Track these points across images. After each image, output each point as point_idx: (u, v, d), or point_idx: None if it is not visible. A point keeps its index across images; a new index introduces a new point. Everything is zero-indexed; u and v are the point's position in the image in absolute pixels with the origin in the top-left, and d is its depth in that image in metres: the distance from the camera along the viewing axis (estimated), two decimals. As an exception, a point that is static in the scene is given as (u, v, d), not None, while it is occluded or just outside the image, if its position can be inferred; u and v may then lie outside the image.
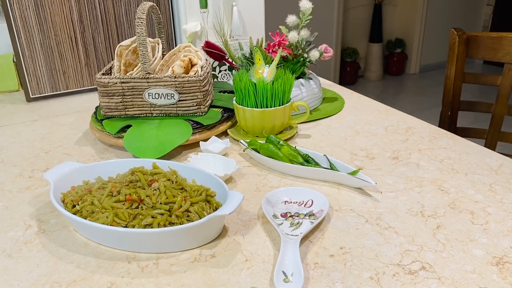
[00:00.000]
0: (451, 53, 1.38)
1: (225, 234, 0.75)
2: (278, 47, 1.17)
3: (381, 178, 0.91)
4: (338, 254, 0.70)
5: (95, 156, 1.04)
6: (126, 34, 1.50)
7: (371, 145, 1.06)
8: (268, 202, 0.80)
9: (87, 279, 0.66)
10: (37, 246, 0.73)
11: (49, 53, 1.41)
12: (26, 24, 1.36)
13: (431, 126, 1.16)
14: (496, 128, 1.37)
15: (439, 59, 4.59)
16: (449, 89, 1.40)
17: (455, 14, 4.55)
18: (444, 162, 0.97)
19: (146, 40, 1.04)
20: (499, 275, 0.65)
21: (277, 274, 0.63)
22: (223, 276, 0.65)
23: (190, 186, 0.80)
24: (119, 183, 0.81)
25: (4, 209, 0.84)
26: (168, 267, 0.68)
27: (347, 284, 0.63)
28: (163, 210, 0.74)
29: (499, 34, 1.31)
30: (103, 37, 1.47)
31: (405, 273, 0.65)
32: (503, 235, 0.73)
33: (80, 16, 1.41)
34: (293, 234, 0.72)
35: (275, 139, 0.97)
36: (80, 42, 1.44)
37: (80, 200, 0.77)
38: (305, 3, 1.23)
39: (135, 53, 1.18)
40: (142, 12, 1.01)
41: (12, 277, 0.66)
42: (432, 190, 0.87)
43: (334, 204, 0.83)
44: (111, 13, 1.45)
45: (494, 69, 4.51)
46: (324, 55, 1.28)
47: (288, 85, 1.06)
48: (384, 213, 0.80)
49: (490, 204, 0.82)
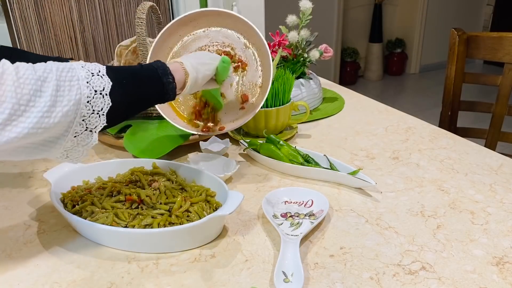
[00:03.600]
0: (451, 53, 1.38)
1: (225, 234, 0.75)
2: (278, 47, 1.17)
3: (381, 178, 0.91)
4: (338, 254, 0.69)
5: (95, 156, 1.04)
6: (126, 34, 1.50)
7: (371, 145, 1.06)
8: (268, 202, 0.80)
9: (87, 279, 0.65)
10: (37, 246, 0.73)
11: (49, 53, 1.41)
12: (26, 24, 1.36)
13: (431, 126, 1.16)
14: (496, 128, 1.37)
15: (439, 59, 4.58)
16: (449, 89, 1.40)
17: (455, 14, 4.55)
18: (444, 162, 0.97)
19: (146, 40, 1.03)
20: (499, 275, 0.65)
21: (277, 274, 0.63)
22: (223, 276, 0.65)
23: (190, 186, 0.80)
24: (119, 183, 0.81)
25: (4, 209, 0.84)
26: (168, 267, 0.68)
27: (347, 284, 0.63)
28: (163, 210, 0.74)
29: (499, 34, 1.31)
30: (103, 37, 1.47)
31: (405, 273, 0.65)
32: (503, 235, 0.73)
33: (80, 16, 1.42)
34: (293, 234, 0.71)
35: (275, 139, 0.97)
36: (80, 42, 1.44)
37: (80, 200, 0.77)
38: (305, 3, 1.23)
39: (135, 53, 1.18)
40: (142, 12, 1.01)
41: (12, 277, 0.66)
42: (432, 190, 0.87)
43: (334, 204, 0.83)
44: (111, 13, 1.46)
45: (494, 69, 4.51)
46: (324, 55, 1.28)
47: (288, 85, 1.06)
48: (384, 213, 0.80)
49: (490, 204, 0.82)
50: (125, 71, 0.68)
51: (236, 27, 0.95)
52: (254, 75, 0.96)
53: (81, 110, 0.60)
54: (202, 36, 0.97)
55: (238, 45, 0.96)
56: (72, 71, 0.60)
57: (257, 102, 0.95)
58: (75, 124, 0.60)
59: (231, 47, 0.97)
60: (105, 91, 0.62)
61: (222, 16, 0.95)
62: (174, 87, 0.72)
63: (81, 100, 0.59)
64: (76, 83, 0.59)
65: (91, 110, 0.61)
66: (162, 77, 0.70)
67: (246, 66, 0.97)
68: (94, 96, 0.61)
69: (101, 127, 0.63)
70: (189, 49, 0.97)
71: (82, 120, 0.61)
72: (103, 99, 0.62)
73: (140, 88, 0.68)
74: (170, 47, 0.97)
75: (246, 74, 0.97)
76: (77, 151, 0.64)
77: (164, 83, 0.70)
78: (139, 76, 0.69)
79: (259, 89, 0.97)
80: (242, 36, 0.96)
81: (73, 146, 0.63)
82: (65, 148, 0.62)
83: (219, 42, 0.96)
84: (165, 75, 0.70)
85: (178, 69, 0.73)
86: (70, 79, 0.59)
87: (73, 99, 0.58)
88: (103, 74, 0.63)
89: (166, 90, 0.71)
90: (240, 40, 0.96)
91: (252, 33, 0.94)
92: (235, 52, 0.96)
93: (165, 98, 0.72)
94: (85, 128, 0.62)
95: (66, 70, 0.59)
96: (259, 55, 0.95)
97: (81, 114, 0.60)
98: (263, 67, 0.96)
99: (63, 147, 0.61)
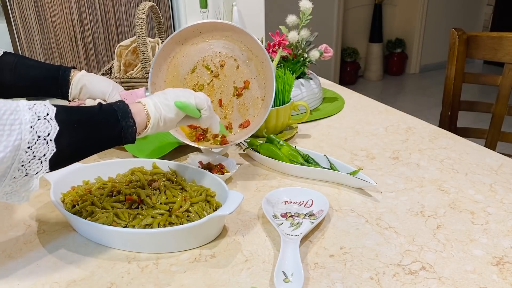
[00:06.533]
0: (451, 53, 1.38)
1: (225, 234, 0.75)
2: (278, 47, 1.17)
3: (381, 178, 0.91)
4: (338, 254, 0.69)
5: (95, 156, 1.04)
6: (126, 34, 1.50)
7: (371, 145, 1.06)
8: (268, 202, 0.80)
9: (87, 279, 0.65)
10: (37, 246, 0.73)
11: (49, 53, 1.41)
12: (26, 24, 1.36)
13: (431, 126, 1.16)
14: (496, 128, 1.37)
15: (439, 59, 4.58)
16: (449, 89, 1.40)
17: (455, 14, 4.55)
18: (444, 162, 0.97)
19: (146, 40, 1.04)
20: (499, 275, 0.65)
21: (277, 274, 0.63)
22: (223, 276, 0.65)
23: (190, 186, 0.80)
24: (119, 183, 0.81)
25: (4, 209, 0.84)
26: (168, 267, 0.68)
27: (347, 284, 0.63)
28: (163, 210, 0.74)
29: (499, 34, 1.31)
30: (103, 37, 1.47)
31: (405, 273, 0.65)
32: (503, 235, 0.73)
33: (80, 16, 1.42)
34: (293, 234, 0.71)
35: (275, 139, 0.97)
36: (80, 42, 1.44)
37: (80, 200, 0.77)
38: (305, 3, 1.23)
39: (135, 53, 1.18)
40: (142, 12, 1.01)
41: (12, 277, 0.66)
42: (432, 190, 0.87)
43: (334, 204, 0.83)
44: (111, 13, 1.45)
45: (494, 69, 4.51)
46: (324, 55, 1.28)
47: (288, 85, 1.06)
48: (384, 213, 0.80)
49: (490, 204, 0.82)
50: (79, 114, 0.64)
51: (239, 39, 0.94)
52: (256, 87, 0.96)
53: (20, 156, 0.56)
54: (205, 46, 0.95)
55: (241, 58, 0.95)
56: (16, 113, 0.56)
57: (259, 119, 0.94)
58: (12, 170, 0.57)
59: (234, 58, 0.95)
60: (49, 137, 0.58)
61: (225, 27, 0.93)
62: (134, 131, 0.67)
63: (20, 146, 0.56)
64: (17, 127, 0.56)
65: (31, 155, 0.57)
66: (121, 120, 0.66)
67: (249, 84, 0.96)
68: (36, 142, 0.57)
69: (43, 173, 0.59)
70: (191, 56, 0.95)
71: (21, 166, 0.57)
72: (47, 145, 0.58)
73: (92, 133, 0.64)
74: (173, 56, 0.95)
75: (249, 89, 0.96)
76: (17, 195, 0.60)
77: (123, 126, 0.66)
78: (95, 119, 0.65)
79: (261, 101, 0.96)
80: (245, 48, 0.94)
81: (13, 190, 0.59)
82: (4, 192, 0.58)
83: (222, 53, 0.95)
84: (125, 118, 0.66)
85: (140, 111, 0.69)
86: (12, 123, 0.55)
87: (11, 145, 0.55)
88: (51, 117, 0.59)
89: (124, 134, 0.66)
90: (243, 54, 0.95)
91: (255, 45, 0.92)
92: (238, 63, 0.95)
93: (122, 142, 0.67)
94: (25, 174, 0.58)
95: (9, 112, 0.55)
96: (262, 68, 0.94)
97: (20, 160, 0.56)
98: (266, 80, 0.94)
99: (2, 191, 0.58)
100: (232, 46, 0.94)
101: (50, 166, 0.59)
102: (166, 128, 0.73)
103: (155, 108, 0.70)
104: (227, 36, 0.93)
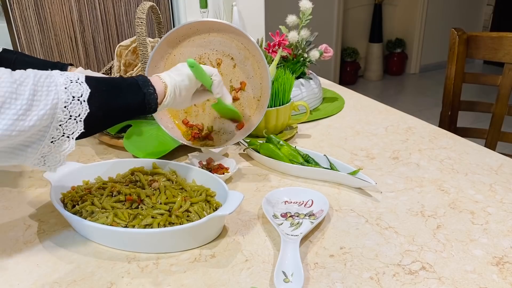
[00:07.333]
0: (451, 53, 1.38)
1: (225, 234, 0.75)
2: (278, 47, 1.17)
3: (381, 178, 0.91)
4: (338, 254, 0.69)
5: (95, 156, 1.04)
6: (126, 34, 1.50)
7: (371, 145, 1.06)
8: (268, 202, 0.80)
9: (87, 279, 0.65)
10: (37, 246, 0.73)
11: (49, 53, 1.41)
12: (26, 24, 1.36)
13: (431, 126, 1.16)
14: (496, 128, 1.37)
15: (439, 59, 4.58)
16: (449, 89, 1.40)
17: (455, 14, 4.55)
18: (444, 162, 0.97)
19: (146, 40, 1.03)
20: (499, 275, 0.65)
21: (277, 274, 0.63)
22: (223, 276, 0.65)
23: (190, 186, 0.80)
24: (119, 183, 0.81)
25: (4, 209, 0.84)
26: (168, 267, 0.68)
27: (347, 284, 0.63)
28: (163, 210, 0.74)
29: (499, 34, 1.31)
30: (103, 37, 1.47)
31: (405, 273, 0.65)
32: (503, 235, 0.73)
33: (80, 16, 1.42)
34: (293, 234, 0.71)
35: (275, 139, 0.97)
36: (80, 42, 1.44)
37: (80, 200, 0.77)
38: (305, 3, 1.23)
39: (135, 53, 1.18)
40: (142, 12, 1.01)
41: (12, 277, 0.66)
42: (432, 190, 0.87)
43: (334, 204, 0.83)
44: (111, 13, 1.45)
45: (494, 69, 4.51)
46: (324, 55, 1.28)
47: (288, 85, 1.06)
48: (384, 213, 0.80)
49: (490, 204, 0.82)
50: (104, 80, 0.68)
51: (236, 38, 0.93)
52: (252, 87, 0.96)
53: (58, 115, 0.60)
54: (203, 44, 0.95)
55: (238, 57, 0.95)
56: (51, 77, 0.60)
57: (255, 119, 0.95)
58: (51, 129, 0.60)
59: (231, 57, 0.95)
60: (83, 98, 0.62)
61: (222, 27, 0.93)
62: (155, 98, 0.71)
63: (58, 104, 0.59)
64: (54, 88, 0.59)
65: (68, 115, 0.61)
66: (142, 87, 0.70)
67: (245, 86, 0.96)
68: (71, 102, 0.61)
69: (79, 133, 0.63)
70: (187, 54, 0.95)
71: (59, 125, 0.60)
72: (81, 105, 0.62)
73: (119, 97, 0.68)
74: (169, 53, 0.95)
75: (245, 89, 0.96)
76: (54, 157, 0.63)
77: (145, 93, 0.70)
78: (119, 86, 0.69)
79: (257, 101, 0.96)
80: (242, 47, 0.94)
81: (50, 152, 0.62)
82: (42, 153, 0.61)
83: (219, 51, 0.95)
84: (145, 86, 0.70)
85: (157, 81, 0.73)
86: (48, 84, 0.59)
87: (50, 103, 0.58)
88: (82, 81, 0.63)
89: (147, 101, 0.70)
90: (240, 53, 0.94)
91: (251, 46, 0.92)
92: (235, 62, 0.95)
93: (146, 109, 0.71)
94: (62, 134, 0.61)
95: (44, 76, 0.59)
96: (259, 68, 0.94)
97: (58, 119, 0.60)
98: (262, 80, 0.94)
99: (40, 153, 0.61)
100: (229, 44, 0.94)
101: (85, 127, 0.63)
102: (183, 100, 0.78)
103: (169, 78, 0.75)
104: (224, 34, 0.93)
